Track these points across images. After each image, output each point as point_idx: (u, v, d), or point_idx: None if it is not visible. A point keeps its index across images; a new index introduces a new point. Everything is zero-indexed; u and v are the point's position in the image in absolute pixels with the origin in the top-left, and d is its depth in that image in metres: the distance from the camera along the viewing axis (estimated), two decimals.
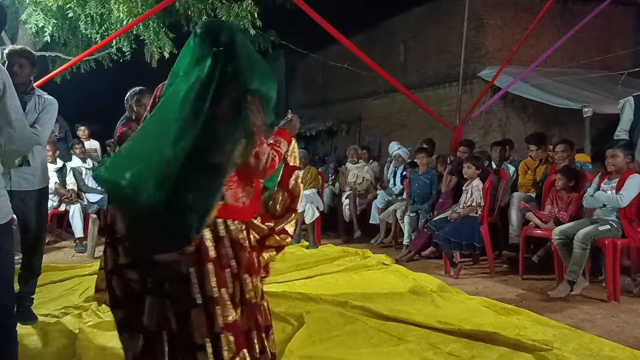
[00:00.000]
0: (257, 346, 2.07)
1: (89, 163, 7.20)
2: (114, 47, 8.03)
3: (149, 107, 2.28)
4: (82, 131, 7.98)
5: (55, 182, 6.45)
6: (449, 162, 6.28)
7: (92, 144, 8.09)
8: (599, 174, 4.47)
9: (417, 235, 5.82)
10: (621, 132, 4.84)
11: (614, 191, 4.17)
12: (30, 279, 3.48)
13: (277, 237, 2.43)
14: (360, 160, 7.65)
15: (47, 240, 6.52)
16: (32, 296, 3.53)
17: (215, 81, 1.92)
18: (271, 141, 2.30)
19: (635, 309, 3.87)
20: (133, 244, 2.03)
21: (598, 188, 4.32)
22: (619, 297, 4.06)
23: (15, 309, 2.41)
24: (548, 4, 6.90)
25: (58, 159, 6.64)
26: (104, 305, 3.68)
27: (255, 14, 7.54)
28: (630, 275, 4.37)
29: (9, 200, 2.19)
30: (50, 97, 3.43)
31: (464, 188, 5.33)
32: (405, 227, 6.01)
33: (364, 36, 13.03)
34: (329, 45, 11.89)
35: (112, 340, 2.89)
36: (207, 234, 2.00)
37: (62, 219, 6.95)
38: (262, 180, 2.33)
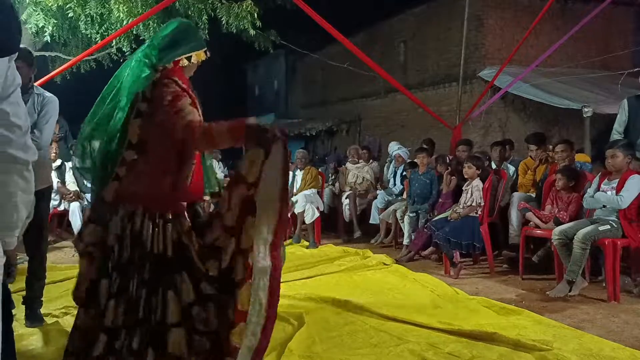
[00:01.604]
0: (127, 342, 1.98)
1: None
2: (114, 47, 8.04)
3: None
4: None
5: (57, 181, 6.45)
6: (448, 161, 6.28)
7: None
8: (599, 174, 4.47)
9: (417, 235, 5.81)
10: (616, 134, 4.90)
11: (614, 192, 4.17)
12: (35, 282, 3.42)
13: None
14: (360, 160, 7.64)
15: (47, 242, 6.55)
16: (41, 299, 3.50)
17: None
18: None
19: (635, 309, 3.87)
20: None
21: (598, 188, 4.32)
22: (619, 297, 4.05)
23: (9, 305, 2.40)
24: (548, 4, 6.90)
25: (57, 158, 6.64)
26: None
27: (255, 14, 7.55)
28: (630, 275, 4.37)
29: None
30: (50, 95, 3.31)
31: (464, 188, 5.33)
32: (405, 227, 6.01)
33: (364, 36, 13.05)
34: (329, 45, 11.92)
35: None
36: (113, 220, 2.05)
37: (62, 218, 6.95)
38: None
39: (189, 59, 2.17)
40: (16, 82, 1.52)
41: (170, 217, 2.06)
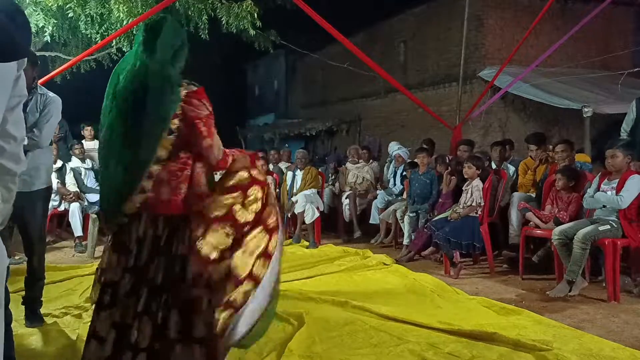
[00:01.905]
0: (135, 337, 2.07)
1: (88, 163, 7.19)
2: (114, 47, 8.03)
3: None
4: (88, 131, 7.97)
5: (57, 182, 6.46)
6: (448, 161, 6.28)
7: (97, 144, 8.05)
8: (599, 174, 4.47)
9: (417, 235, 5.81)
10: (622, 132, 5.01)
11: (614, 192, 4.17)
12: (34, 282, 3.42)
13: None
14: (360, 160, 7.64)
15: (47, 240, 6.55)
16: (41, 299, 3.51)
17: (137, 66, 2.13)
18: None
19: (635, 309, 3.87)
20: None
21: (598, 188, 4.32)
22: (619, 297, 4.06)
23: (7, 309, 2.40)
24: (548, 4, 6.90)
25: (58, 159, 6.63)
26: None
27: (255, 14, 7.55)
28: (630, 275, 4.37)
29: None
30: (53, 95, 3.32)
31: (464, 188, 5.33)
32: (405, 227, 6.01)
33: (364, 36, 13.05)
34: (329, 45, 11.91)
35: None
36: (133, 224, 2.14)
37: (62, 218, 6.95)
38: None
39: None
40: (23, 92, 1.51)
41: (188, 221, 2.16)
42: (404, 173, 6.86)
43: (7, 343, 1.92)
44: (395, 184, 7.20)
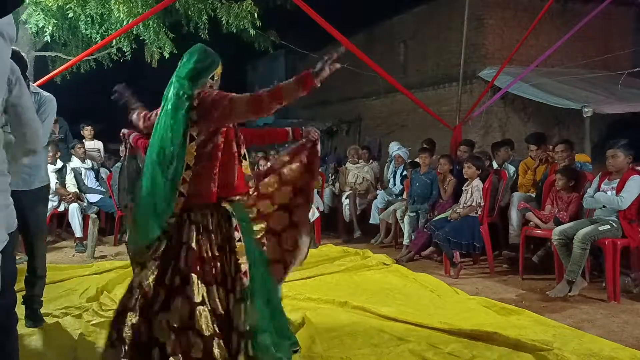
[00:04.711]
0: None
1: (88, 163, 7.20)
2: (114, 47, 8.03)
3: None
4: (88, 131, 7.97)
5: (56, 183, 6.45)
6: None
7: (96, 144, 8.08)
8: (599, 174, 4.47)
9: (417, 235, 5.81)
10: None
11: (614, 192, 4.16)
12: (36, 281, 3.42)
13: None
14: (360, 160, 7.64)
15: (46, 240, 6.54)
16: (41, 299, 3.51)
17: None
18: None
19: (635, 309, 3.87)
20: None
21: (598, 188, 4.32)
22: (619, 297, 4.06)
23: (15, 309, 2.39)
24: (548, 4, 6.90)
25: (58, 160, 6.63)
26: (104, 306, 3.69)
27: (255, 14, 7.55)
28: (630, 275, 4.37)
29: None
30: (47, 95, 3.29)
31: (464, 188, 5.33)
32: (405, 227, 6.00)
33: (364, 36, 13.05)
34: (329, 45, 11.88)
35: None
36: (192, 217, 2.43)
37: (62, 219, 6.95)
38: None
39: (212, 77, 2.58)
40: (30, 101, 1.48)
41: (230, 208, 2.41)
42: (404, 173, 6.85)
43: (11, 345, 1.91)
44: (395, 184, 7.19)
